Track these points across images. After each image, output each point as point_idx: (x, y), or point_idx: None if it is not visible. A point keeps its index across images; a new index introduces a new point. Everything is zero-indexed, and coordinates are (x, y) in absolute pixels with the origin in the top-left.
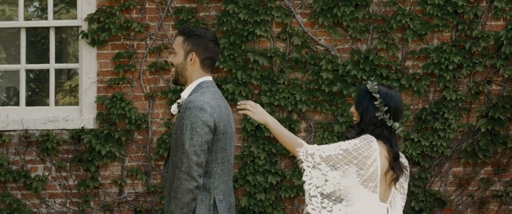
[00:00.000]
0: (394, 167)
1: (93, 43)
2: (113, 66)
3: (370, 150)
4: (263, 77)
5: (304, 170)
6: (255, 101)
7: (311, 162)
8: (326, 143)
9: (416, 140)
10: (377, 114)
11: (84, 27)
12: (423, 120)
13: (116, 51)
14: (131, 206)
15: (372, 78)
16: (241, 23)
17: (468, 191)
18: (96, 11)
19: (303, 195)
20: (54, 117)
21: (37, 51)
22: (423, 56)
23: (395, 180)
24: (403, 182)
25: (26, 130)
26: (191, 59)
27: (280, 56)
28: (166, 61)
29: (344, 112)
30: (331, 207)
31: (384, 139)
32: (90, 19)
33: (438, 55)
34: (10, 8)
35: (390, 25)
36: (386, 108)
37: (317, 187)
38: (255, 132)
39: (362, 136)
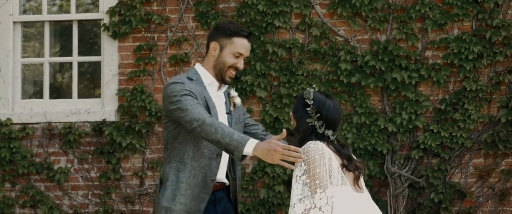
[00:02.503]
0: (350, 167)
1: (114, 36)
2: (134, 58)
3: (319, 150)
4: (282, 68)
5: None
6: (274, 93)
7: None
8: (344, 135)
9: (435, 131)
10: (307, 120)
11: (106, 20)
12: (443, 110)
13: (137, 43)
14: (152, 198)
15: (314, 86)
16: (260, 15)
17: (488, 182)
18: (117, 4)
19: None
20: (76, 109)
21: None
22: (443, 46)
23: (357, 179)
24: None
25: (49, 123)
26: None
27: (299, 47)
28: (186, 54)
29: (363, 103)
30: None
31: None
32: (111, 12)
33: (458, 45)
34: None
35: (409, 15)
36: (317, 115)
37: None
38: (274, 124)
39: (304, 146)
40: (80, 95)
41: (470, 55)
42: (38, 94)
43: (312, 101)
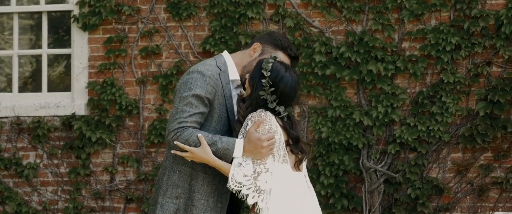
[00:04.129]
0: (294, 148)
1: (84, 27)
2: (104, 51)
3: (266, 121)
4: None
5: (247, 195)
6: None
7: (249, 179)
8: (319, 128)
9: (412, 124)
10: (260, 92)
11: (76, 11)
12: (419, 103)
13: (107, 35)
14: (123, 194)
15: (274, 55)
16: (232, 5)
17: (467, 178)
18: None
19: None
20: (46, 103)
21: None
22: (420, 37)
23: (299, 162)
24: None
25: (18, 117)
26: None
27: None
28: (157, 46)
29: (338, 96)
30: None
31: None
32: (81, 2)
33: (435, 36)
34: None
35: (385, 5)
36: (272, 89)
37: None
38: None
39: (256, 113)
40: (50, 89)
41: (447, 46)
42: (8, 87)
43: (268, 73)
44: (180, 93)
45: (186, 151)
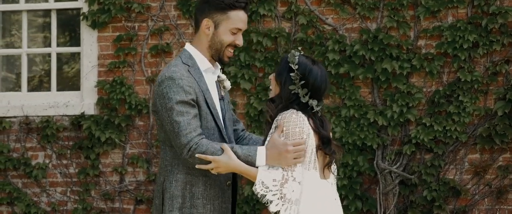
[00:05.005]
0: (326, 150)
1: (93, 25)
2: (113, 49)
3: (297, 122)
4: (267, 59)
5: (271, 201)
6: (258, 85)
7: (276, 185)
8: (333, 129)
9: (428, 124)
10: (290, 87)
11: (85, 9)
12: (436, 103)
13: (117, 33)
14: (132, 195)
15: (299, 48)
16: None
17: (485, 179)
18: None
19: None
20: (55, 102)
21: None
22: (437, 35)
23: (328, 165)
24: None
25: (27, 116)
26: None
27: (285, 37)
28: (167, 44)
29: (352, 95)
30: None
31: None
32: (90, 0)
33: (452, 34)
34: None
35: (401, 2)
36: (302, 82)
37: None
38: (258, 117)
39: (287, 113)
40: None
41: (465, 44)
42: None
43: (296, 66)
44: (163, 107)
45: (209, 162)
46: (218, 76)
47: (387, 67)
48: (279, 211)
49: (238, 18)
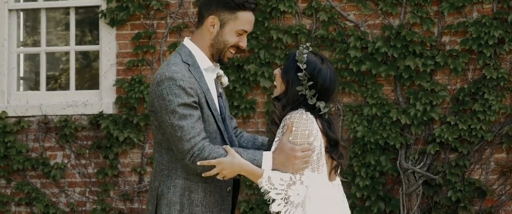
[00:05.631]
0: (333, 154)
1: (112, 23)
2: (132, 47)
3: (307, 124)
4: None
5: (274, 199)
6: None
7: (282, 185)
8: (355, 127)
9: (453, 123)
10: (298, 88)
11: (104, 6)
12: (460, 101)
13: (136, 31)
14: None
15: (308, 44)
16: None
17: (511, 179)
18: None
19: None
20: (73, 101)
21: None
22: (461, 31)
23: (336, 168)
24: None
25: (45, 116)
26: None
27: (305, 34)
28: None
29: (374, 93)
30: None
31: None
32: None
33: (477, 30)
34: None
35: None
36: (310, 83)
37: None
38: None
39: (296, 114)
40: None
41: (490, 40)
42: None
43: (305, 66)
44: (164, 109)
45: (213, 167)
46: (217, 74)
47: (410, 65)
48: (280, 212)
49: (246, 19)
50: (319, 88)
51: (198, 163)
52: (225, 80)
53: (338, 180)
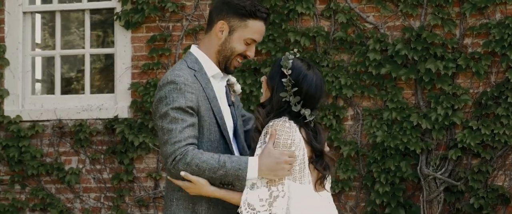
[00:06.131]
0: (317, 165)
1: (127, 26)
2: (147, 50)
3: (290, 133)
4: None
5: None
6: None
7: (263, 205)
8: (374, 132)
9: (475, 128)
10: (281, 94)
11: (119, 9)
12: (483, 105)
13: (151, 34)
14: None
15: (295, 50)
16: (281, 0)
17: None
18: None
19: (350, 190)
20: (88, 105)
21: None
22: (484, 33)
23: (321, 180)
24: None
25: (60, 120)
26: None
27: (323, 36)
28: None
29: (394, 97)
30: None
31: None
32: (123, 0)
33: (500, 31)
34: None
35: None
36: (295, 89)
37: None
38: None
39: (279, 121)
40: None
41: None
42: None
43: (289, 71)
44: (158, 112)
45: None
46: (228, 80)
47: (431, 68)
48: None
49: (257, 28)
50: (304, 95)
51: (182, 174)
52: (238, 88)
53: (326, 193)
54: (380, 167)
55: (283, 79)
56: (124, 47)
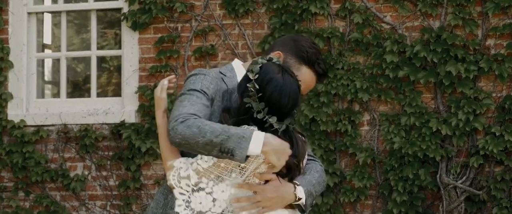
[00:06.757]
0: (287, 179)
1: (134, 26)
2: (155, 52)
3: None
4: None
5: (176, 198)
6: (310, 90)
7: (188, 186)
8: (391, 138)
9: (498, 134)
10: (245, 100)
11: (126, 9)
12: (507, 110)
13: (159, 35)
14: None
15: (271, 56)
16: (294, 0)
17: None
18: None
19: (366, 199)
20: (94, 109)
21: None
22: (508, 34)
23: None
24: None
25: (65, 125)
26: None
27: (338, 37)
28: (212, 46)
29: (413, 101)
30: None
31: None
32: (130, 0)
33: None
34: None
35: None
36: (259, 94)
37: None
38: (309, 126)
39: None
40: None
41: None
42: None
43: (256, 76)
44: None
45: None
46: None
47: (451, 70)
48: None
49: (307, 78)
50: (267, 100)
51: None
52: None
53: (294, 211)
54: (398, 175)
55: (248, 84)
56: (131, 49)
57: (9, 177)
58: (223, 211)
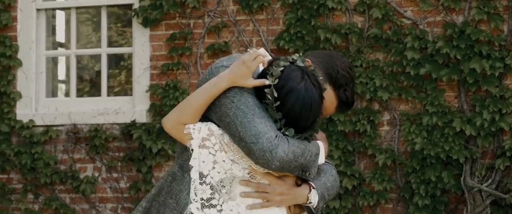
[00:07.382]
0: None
1: (145, 23)
2: (167, 49)
3: None
4: None
5: (192, 150)
6: None
7: (198, 138)
8: (413, 139)
9: None
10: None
11: (137, 5)
12: None
13: (170, 32)
14: None
15: (300, 54)
16: None
17: None
18: None
19: (386, 203)
20: (105, 109)
21: None
22: None
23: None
24: None
25: (75, 125)
26: None
27: (357, 33)
28: (225, 42)
29: (435, 100)
30: (221, 205)
31: None
32: None
33: None
34: None
35: None
36: (277, 103)
37: (204, 177)
38: (327, 126)
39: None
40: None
41: None
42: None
43: (276, 81)
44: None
45: None
46: None
47: (475, 68)
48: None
49: (327, 99)
50: (286, 111)
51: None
52: None
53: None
54: (420, 177)
55: (266, 89)
56: (142, 46)
57: (18, 179)
58: (221, 180)
